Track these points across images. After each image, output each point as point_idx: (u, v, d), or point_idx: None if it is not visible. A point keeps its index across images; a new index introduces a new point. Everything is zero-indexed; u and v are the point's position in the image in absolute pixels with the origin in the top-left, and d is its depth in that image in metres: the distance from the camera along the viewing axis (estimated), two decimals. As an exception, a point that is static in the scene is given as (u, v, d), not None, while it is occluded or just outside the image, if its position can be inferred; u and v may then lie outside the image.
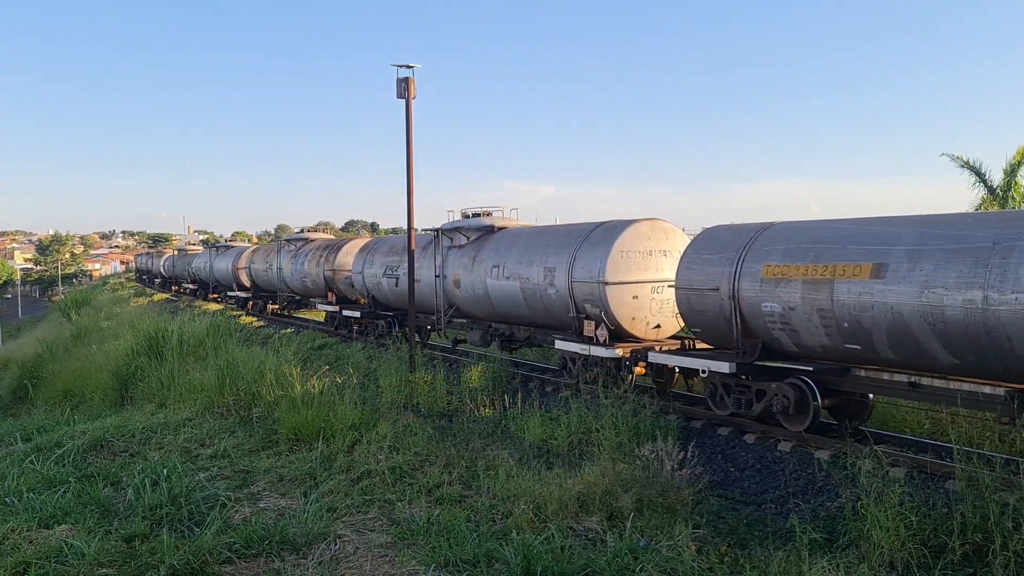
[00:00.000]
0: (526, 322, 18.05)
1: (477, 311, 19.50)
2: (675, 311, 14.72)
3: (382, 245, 24.97)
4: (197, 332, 21.58)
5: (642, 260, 15.38)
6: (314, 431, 12.95)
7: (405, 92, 18.17)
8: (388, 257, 23.67)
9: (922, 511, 8.20)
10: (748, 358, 12.46)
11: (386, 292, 23.65)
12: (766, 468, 11.25)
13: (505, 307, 18.07)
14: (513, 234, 18.81)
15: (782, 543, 8.53)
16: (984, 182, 25.13)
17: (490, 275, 18.16)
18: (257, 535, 8.54)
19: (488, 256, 18.53)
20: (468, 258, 19.20)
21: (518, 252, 17.56)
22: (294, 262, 32.19)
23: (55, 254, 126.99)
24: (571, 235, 16.60)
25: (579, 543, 8.43)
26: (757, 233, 12.88)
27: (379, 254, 24.32)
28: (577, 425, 12.70)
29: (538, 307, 16.94)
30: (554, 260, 16.32)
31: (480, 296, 18.73)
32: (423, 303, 21.17)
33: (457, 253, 19.86)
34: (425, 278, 20.74)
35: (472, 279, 18.85)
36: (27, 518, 9.22)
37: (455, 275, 19.56)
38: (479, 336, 19.55)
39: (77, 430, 14.10)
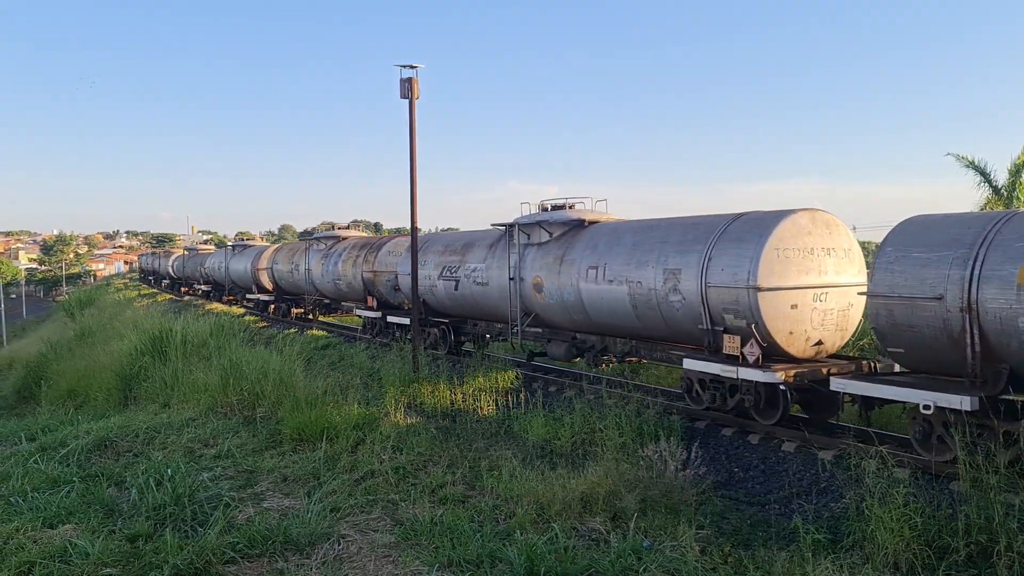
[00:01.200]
0: (631, 334, 15.40)
1: (562, 320, 16.87)
2: (838, 324, 12.78)
3: (435, 243, 22.15)
4: (201, 332, 21.58)
5: (802, 260, 12.55)
6: (318, 431, 12.95)
7: (408, 92, 18.20)
8: (445, 256, 20.80)
9: (927, 512, 8.19)
10: (991, 389, 9.68)
11: (441, 296, 20.82)
12: (770, 468, 11.23)
13: (604, 316, 15.42)
14: (612, 229, 16.04)
15: (786, 544, 8.52)
16: (989, 182, 25.08)
17: (584, 278, 15.53)
18: (261, 535, 8.54)
19: (581, 256, 15.89)
20: (553, 258, 16.62)
21: (624, 251, 14.86)
22: (325, 262, 29.46)
23: (59, 254, 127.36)
24: (699, 229, 13.82)
25: (583, 543, 8.43)
26: (997, 223, 9.96)
27: (433, 253, 21.42)
28: (581, 425, 12.70)
29: (652, 317, 14.23)
30: (678, 260, 13.61)
31: (570, 303, 16.15)
32: (488, 309, 19.26)
33: (537, 252, 17.27)
34: (495, 281, 18.48)
35: (560, 283, 16.26)
36: (31, 518, 9.23)
37: (536, 278, 16.98)
38: (564, 349, 17.03)
39: (81, 430, 14.12)
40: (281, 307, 36.28)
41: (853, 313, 13.05)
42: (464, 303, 20.09)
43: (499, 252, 18.53)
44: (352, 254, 27.64)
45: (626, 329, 15.30)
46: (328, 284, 29.44)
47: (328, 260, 29.19)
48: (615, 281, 14.82)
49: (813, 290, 12.58)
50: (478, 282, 19.11)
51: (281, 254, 36.47)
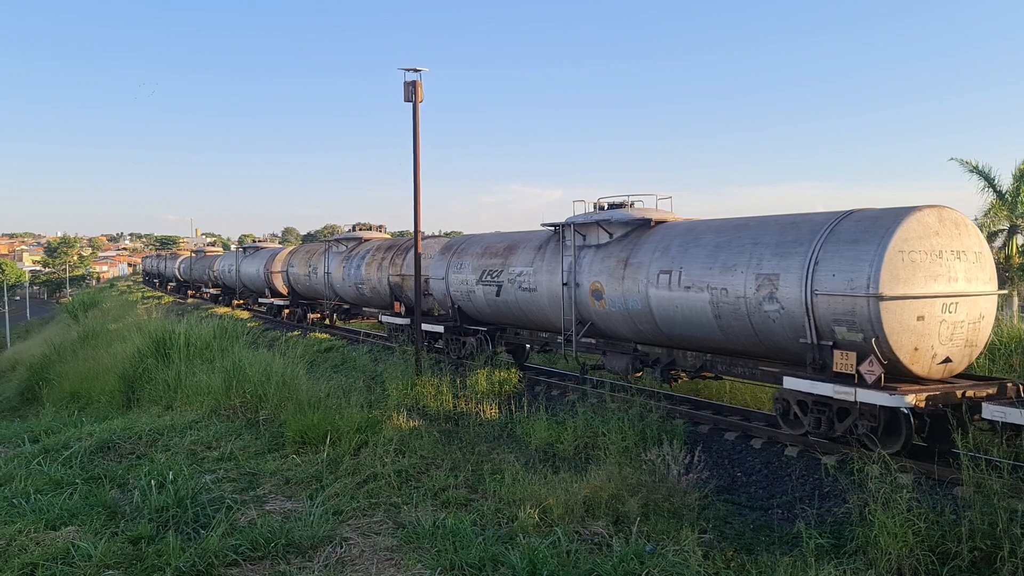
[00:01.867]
0: (709, 347, 13.73)
1: (624, 330, 15.19)
2: (968, 338, 11.19)
3: (473, 245, 20.23)
4: (204, 334, 21.60)
5: (930, 265, 10.89)
6: (320, 434, 12.95)
7: (412, 96, 18.23)
8: (485, 259, 19.10)
9: (930, 517, 8.17)
10: None
11: (480, 303, 19.19)
12: (773, 473, 11.21)
13: (678, 327, 13.76)
14: (687, 229, 14.34)
15: (788, 548, 8.50)
16: (993, 187, 25.04)
17: (654, 284, 13.88)
18: (263, 538, 8.55)
19: (650, 259, 14.21)
20: (616, 261, 14.93)
21: (705, 254, 13.20)
22: (346, 266, 27.79)
23: (63, 256, 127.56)
24: (800, 229, 12.12)
25: (585, 547, 8.42)
26: None
27: (470, 256, 19.71)
28: (583, 429, 12.69)
29: (739, 329, 12.56)
30: (774, 264, 11.96)
31: (635, 312, 14.48)
32: (535, 318, 17.62)
33: (596, 255, 15.59)
34: (544, 286, 16.85)
35: (624, 289, 14.58)
36: (34, 519, 9.24)
37: (594, 283, 15.33)
38: (625, 363, 15.37)
39: (84, 432, 14.13)
40: (296, 312, 34.41)
41: (984, 326, 11.44)
42: (507, 310, 18.45)
43: (549, 255, 16.94)
44: (377, 257, 25.93)
45: (704, 342, 13.59)
46: (349, 288, 27.84)
47: (350, 263, 27.63)
48: (693, 288, 13.14)
49: (942, 299, 10.95)
50: (524, 288, 17.46)
51: (297, 257, 34.53)
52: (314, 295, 32.57)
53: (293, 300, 34.70)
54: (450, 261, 20.48)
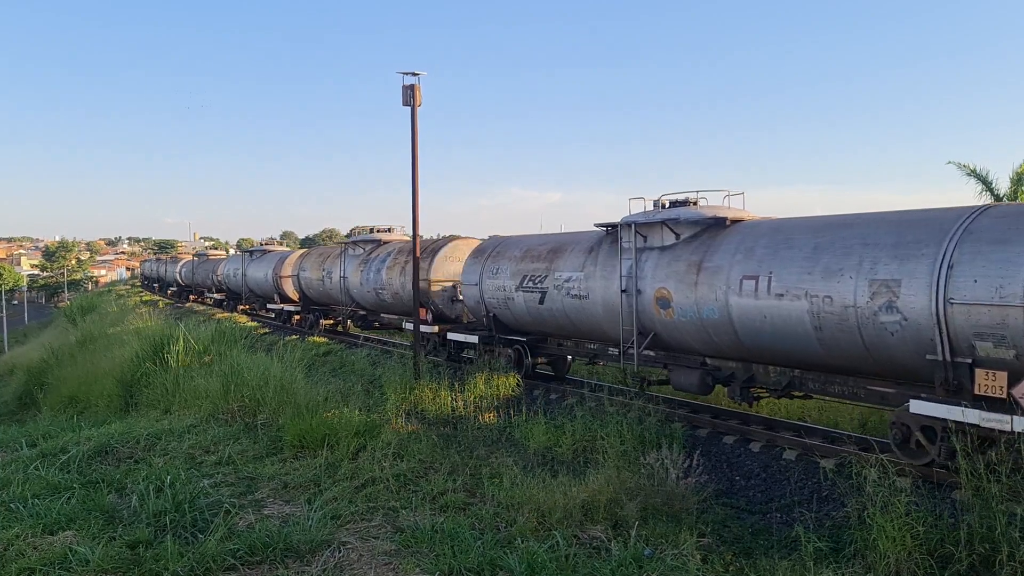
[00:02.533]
0: (803, 362, 12.20)
1: (695, 342, 13.67)
2: None
3: (510, 248, 18.81)
4: (202, 338, 21.58)
5: None
6: (319, 438, 12.94)
7: (411, 99, 18.25)
8: (525, 264, 17.68)
9: (928, 521, 8.17)
10: None
11: (520, 311, 17.75)
12: (771, 477, 11.21)
13: (765, 340, 12.23)
14: (774, 228, 12.78)
15: (787, 552, 8.50)
16: (991, 190, 25.08)
17: (736, 291, 12.40)
18: (261, 542, 8.52)
19: (730, 262, 12.72)
20: (686, 265, 13.49)
21: (801, 256, 11.67)
22: (364, 270, 26.12)
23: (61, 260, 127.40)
24: (924, 228, 10.60)
25: (583, 551, 8.40)
26: None
27: (508, 260, 18.35)
28: (582, 433, 12.68)
29: (846, 343, 11.01)
30: (893, 268, 10.42)
31: (711, 322, 12.97)
32: (586, 327, 16.20)
33: (661, 258, 14.12)
34: (598, 293, 15.42)
35: (697, 296, 13.11)
36: (32, 524, 9.22)
37: (660, 290, 13.83)
38: (696, 379, 13.82)
39: (82, 436, 14.11)
40: (308, 318, 32.77)
41: None
42: (551, 319, 16.98)
43: (603, 258, 15.49)
44: (399, 260, 24.25)
45: (795, 356, 12.14)
46: (368, 294, 26.22)
47: (368, 267, 26.00)
48: (787, 295, 11.62)
49: None
50: (574, 295, 16.02)
51: (309, 260, 32.83)
52: (328, 301, 31.04)
53: (305, 306, 33.18)
54: (484, 266, 19.06)
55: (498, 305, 18.41)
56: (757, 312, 12.14)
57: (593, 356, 16.82)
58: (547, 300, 16.72)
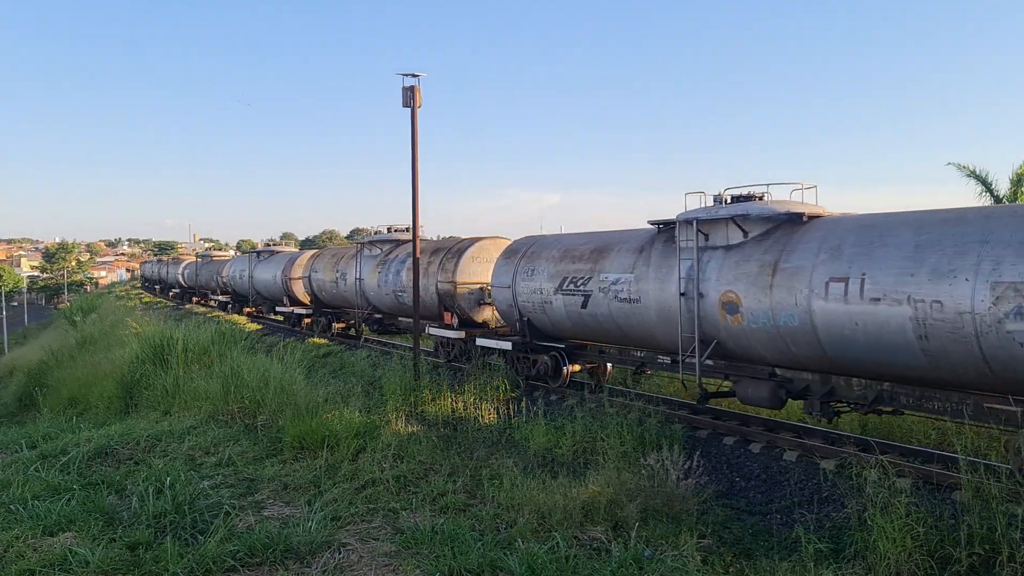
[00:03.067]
0: (899, 375, 10.92)
1: (766, 350, 12.40)
2: None
3: (547, 247, 17.57)
4: (202, 340, 21.58)
5: None
6: (319, 439, 12.94)
7: (411, 101, 18.25)
8: (566, 265, 16.44)
9: (928, 522, 8.17)
10: None
11: (559, 316, 16.58)
12: (772, 478, 11.21)
13: (856, 349, 10.92)
14: (864, 225, 11.44)
15: (787, 553, 8.50)
16: (991, 191, 25.07)
17: (822, 295, 11.15)
18: (261, 543, 8.53)
19: (811, 262, 11.47)
20: (758, 266, 12.26)
21: (902, 256, 10.44)
22: (382, 271, 24.84)
23: (61, 262, 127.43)
24: None
25: (584, 553, 8.40)
26: None
27: (545, 260, 17.11)
28: (582, 434, 12.68)
29: (959, 353, 9.79)
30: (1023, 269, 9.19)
31: (788, 329, 11.71)
32: (637, 334, 14.86)
33: (727, 258, 12.89)
34: (651, 297, 14.11)
35: (773, 301, 11.86)
36: (32, 525, 9.22)
37: (727, 293, 12.63)
38: (767, 392, 12.54)
39: (82, 437, 14.10)
40: (320, 322, 31.24)
41: None
42: (595, 325, 15.76)
43: (656, 258, 14.26)
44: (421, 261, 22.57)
45: (889, 368, 10.83)
46: (387, 297, 24.74)
47: (387, 268, 24.63)
48: (885, 300, 10.38)
49: None
50: (622, 298, 14.72)
51: (322, 261, 31.28)
52: (342, 303, 29.64)
53: (316, 309, 31.76)
54: (518, 267, 17.76)
55: (533, 309, 17.25)
56: (847, 319, 10.86)
57: (640, 365, 15.55)
58: (591, 304, 15.51)
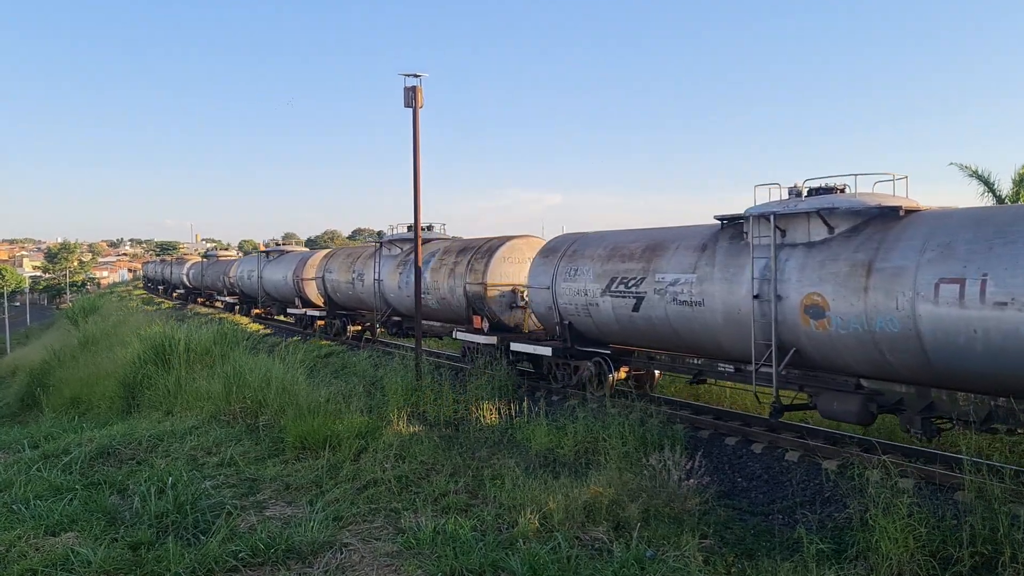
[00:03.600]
0: None
1: (855, 360, 11.22)
2: None
3: (591, 245, 16.40)
4: (204, 340, 21.60)
5: None
6: (320, 439, 12.95)
7: (412, 101, 18.25)
8: (614, 264, 15.24)
9: (931, 522, 8.16)
10: None
11: (605, 319, 15.42)
12: (773, 478, 11.20)
13: (971, 360, 9.79)
14: (979, 219, 10.33)
15: (789, 554, 8.49)
16: (993, 192, 25.05)
17: (930, 298, 9.99)
18: (263, 543, 8.53)
19: (915, 261, 10.33)
20: (848, 266, 11.08)
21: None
22: (404, 271, 23.68)
23: (63, 262, 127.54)
24: None
25: (585, 553, 8.40)
26: None
27: (590, 259, 16.00)
28: (584, 434, 12.67)
29: None
30: None
31: (888, 336, 10.50)
32: (697, 340, 13.71)
33: (809, 256, 11.75)
34: (716, 299, 12.97)
35: (867, 304, 10.70)
36: (34, 525, 9.24)
37: (811, 296, 11.44)
38: (856, 406, 11.34)
39: (84, 437, 14.12)
40: (334, 324, 29.94)
41: None
42: (647, 329, 14.58)
43: (722, 257, 13.13)
44: (447, 261, 21.72)
45: (1010, 381, 9.70)
46: (407, 299, 23.25)
47: (408, 268, 23.39)
48: (1013, 304, 9.22)
49: None
50: (682, 300, 13.53)
51: (337, 261, 29.93)
52: (358, 305, 28.45)
53: (330, 311, 30.45)
54: (558, 267, 16.66)
55: (576, 312, 16.10)
56: (964, 325, 9.71)
57: (697, 373, 14.35)
58: (644, 307, 14.33)
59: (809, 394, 12.41)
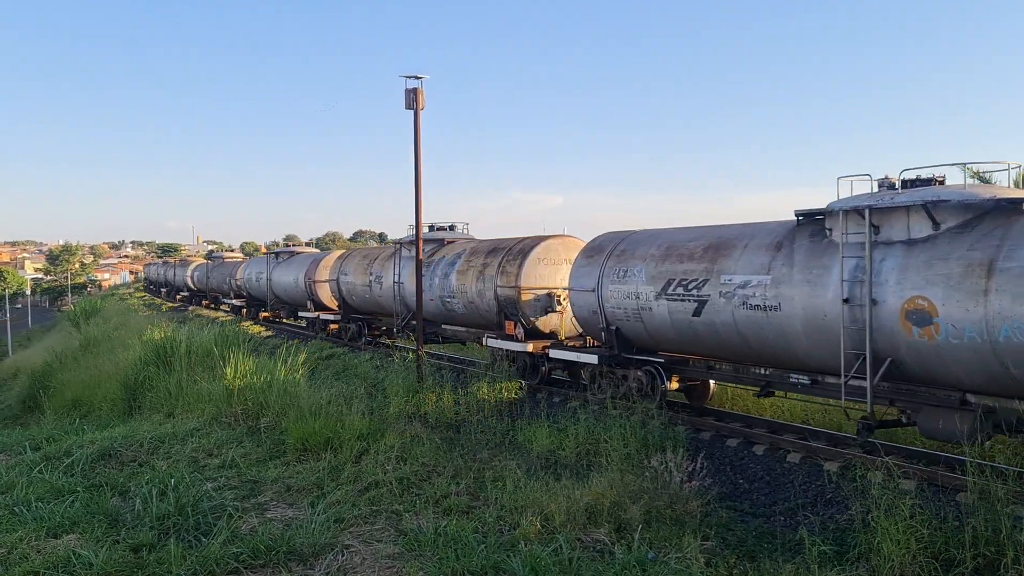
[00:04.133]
0: None
1: (969, 373, 10.04)
2: None
3: (642, 244, 15.13)
4: (205, 342, 21.61)
5: None
6: (322, 441, 12.95)
7: (413, 103, 18.28)
8: (671, 264, 14.03)
9: (933, 524, 8.15)
10: None
11: (660, 325, 14.22)
12: (775, 480, 11.19)
13: None
14: None
15: (791, 556, 8.48)
16: (994, 193, 24.99)
17: None
18: (264, 545, 8.53)
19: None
20: (962, 266, 9.91)
21: None
22: (427, 274, 22.19)
23: (65, 264, 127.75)
24: None
25: (587, 555, 8.39)
26: None
27: (641, 259, 14.70)
28: (585, 436, 12.66)
29: None
30: None
31: (1013, 347, 9.41)
32: (772, 349, 12.46)
33: (911, 256, 10.56)
34: (795, 303, 11.80)
35: (987, 310, 9.56)
36: (35, 527, 9.24)
37: (914, 300, 10.27)
38: (968, 425, 10.21)
39: (86, 439, 14.13)
40: (349, 328, 28.82)
41: None
42: (709, 336, 13.38)
43: (803, 257, 11.94)
44: (475, 263, 20.37)
45: None
46: (431, 303, 21.97)
47: (431, 271, 22.23)
48: None
49: None
50: (754, 305, 12.37)
51: (352, 262, 28.70)
52: (376, 309, 27.34)
53: (345, 314, 29.16)
54: (604, 267, 15.46)
55: (625, 316, 14.86)
56: None
57: (765, 385, 13.10)
58: (707, 311, 13.14)
59: (901, 409, 11.32)
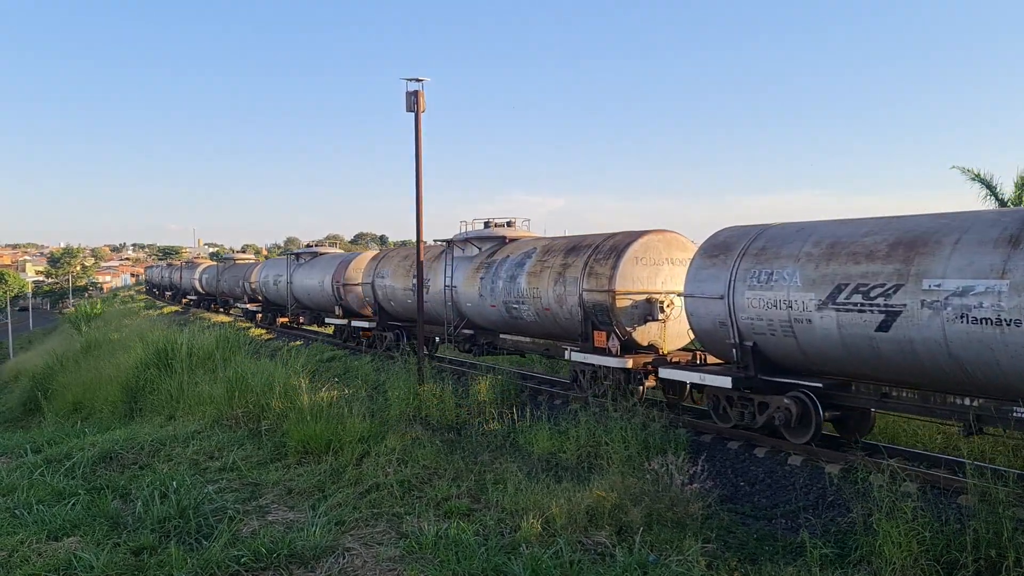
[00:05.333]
0: None
1: None
2: None
3: (794, 240, 12.21)
4: (206, 344, 21.62)
5: None
6: (323, 444, 12.95)
7: (414, 105, 18.26)
8: (839, 265, 11.21)
9: (934, 526, 8.13)
10: None
11: (821, 341, 11.43)
12: (776, 482, 11.18)
13: None
14: None
15: (792, 558, 8.47)
16: (995, 195, 25.03)
17: None
18: (265, 548, 8.54)
19: None
20: None
21: None
22: (485, 276, 19.70)
23: (66, 266, 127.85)
24: None
25: (588, 557, 8.39)
26: None
27: (792, 259, 11.88)
28: (586, 438, 12.65)
29: None
30: None
31: None
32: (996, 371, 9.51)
33: None
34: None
35: None
36: (36, 530, 9.25)
37: None
38: None
39: (87, 442, 14.14)
40: (385, 337, 25.83)
41: None
42: (900, 357, 10.53)
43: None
44: (552, 263, 17.47)
45: None
46: (491, 310, 19.50)
47: (492, 273, 19.54)
48: None
49: None
50: (981, 318, 9.49)
51: (391, 264, 25.80)
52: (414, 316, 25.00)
53: (380, 321, 26.36)
54: (737, 269, 12.63)
55: (769, 330, 12.06)
56: None
57: (976, 419, 10.21)
58: (899, 325, 10.30)
59: None
